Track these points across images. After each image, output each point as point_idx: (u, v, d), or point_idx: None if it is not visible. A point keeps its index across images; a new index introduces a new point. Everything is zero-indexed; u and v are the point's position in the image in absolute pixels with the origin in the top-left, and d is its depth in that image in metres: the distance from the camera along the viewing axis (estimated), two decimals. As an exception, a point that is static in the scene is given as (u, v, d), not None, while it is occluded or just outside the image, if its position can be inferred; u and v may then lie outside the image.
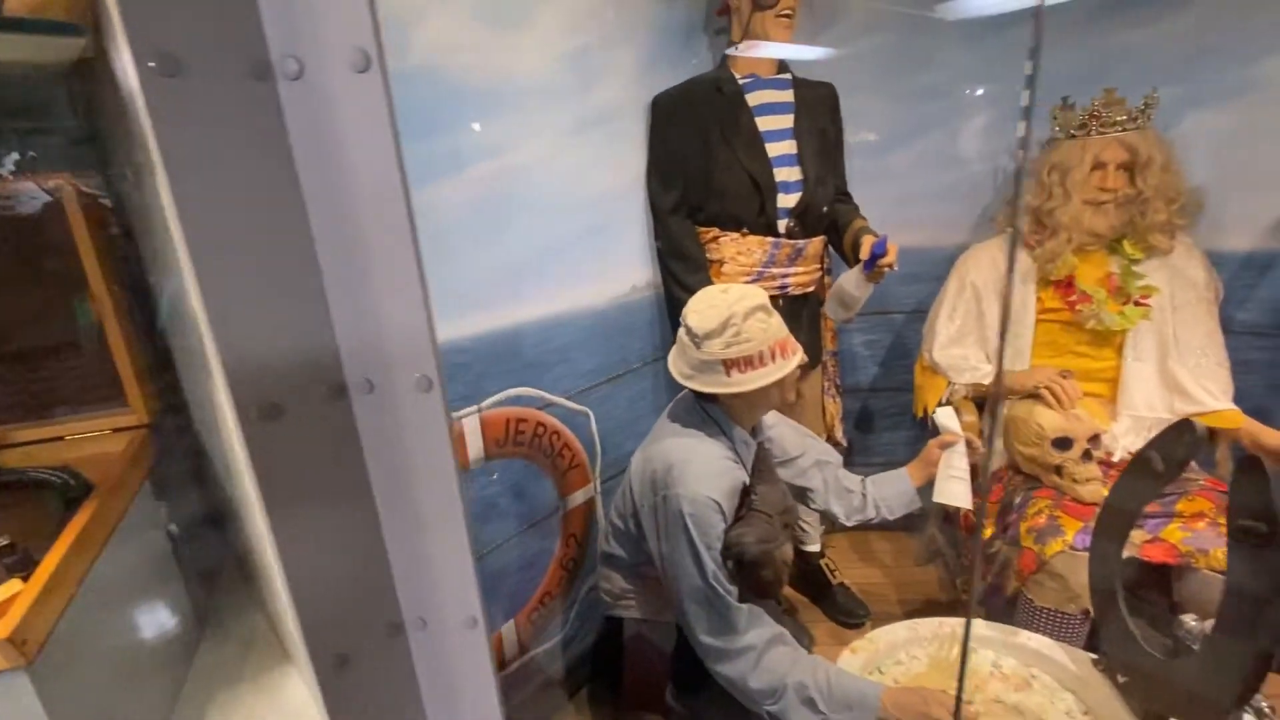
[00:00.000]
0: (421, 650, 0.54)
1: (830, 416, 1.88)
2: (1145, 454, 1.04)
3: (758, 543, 1.09)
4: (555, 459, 1.50)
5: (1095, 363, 1.56)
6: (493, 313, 1.31)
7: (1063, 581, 1.31)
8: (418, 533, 0.51)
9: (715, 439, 1.18)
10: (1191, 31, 1.60)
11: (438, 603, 0.52)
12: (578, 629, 1.66)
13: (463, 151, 1.21)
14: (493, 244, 1.29)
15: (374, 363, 0.47)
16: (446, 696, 0.55)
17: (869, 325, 2.12)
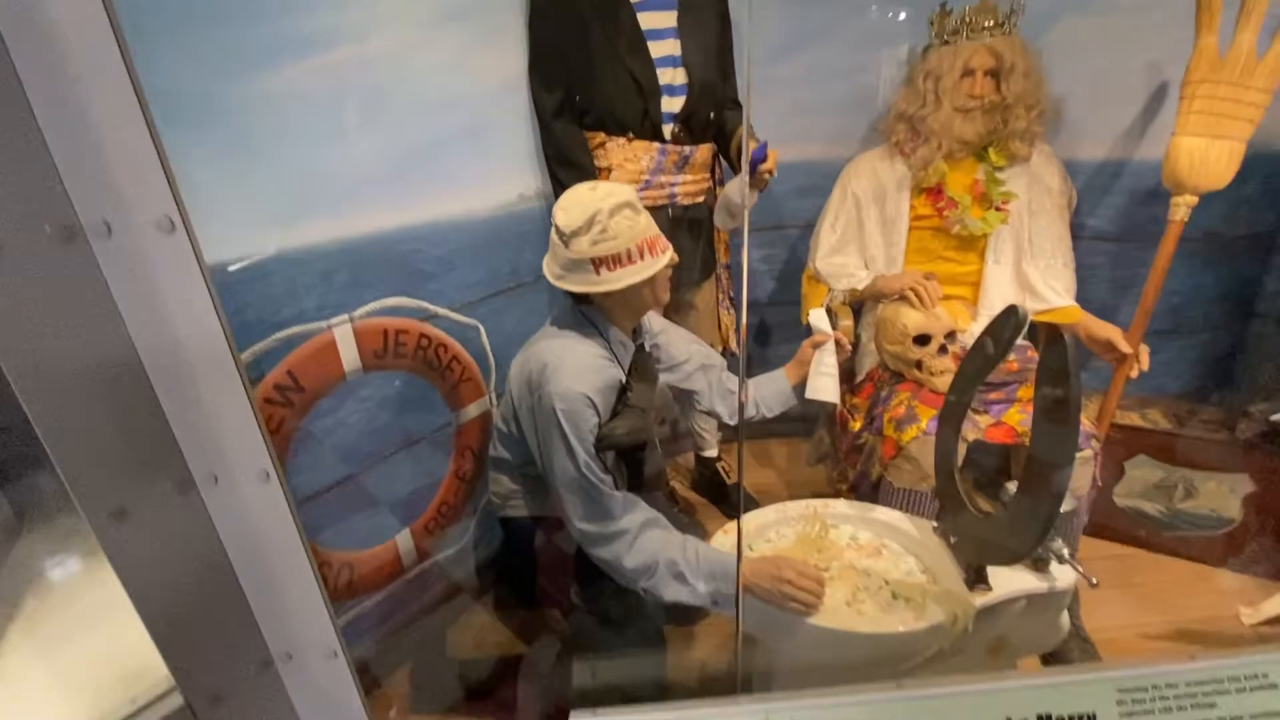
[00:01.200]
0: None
1: (725, 328, 1.94)
2: (980, 340, 1.14)
3: (628, 434, 1.14)
4: (444, 372, 1.49)
5: (960, 267, 1.67)
6: (358, 216, 1.25)
7: (916, 464, 1.44)
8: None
9: (590, 339, 1.20)
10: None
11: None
12: (481, 536, 1.71)
13: (302, 37, 1.12)
14: (353, 142, 1.22)
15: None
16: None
17: (765, 240, 2.16)
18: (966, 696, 0.61)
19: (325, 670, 0.57)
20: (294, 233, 1.17)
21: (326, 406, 1.29)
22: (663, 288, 1.21)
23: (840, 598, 1.17)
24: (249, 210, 1.12)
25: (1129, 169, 1.72)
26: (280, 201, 1.15)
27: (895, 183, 1.66)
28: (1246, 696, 0.62)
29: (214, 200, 1.07)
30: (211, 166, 1.06)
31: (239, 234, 1.11)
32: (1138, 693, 0.62)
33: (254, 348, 1.15)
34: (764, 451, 2.42)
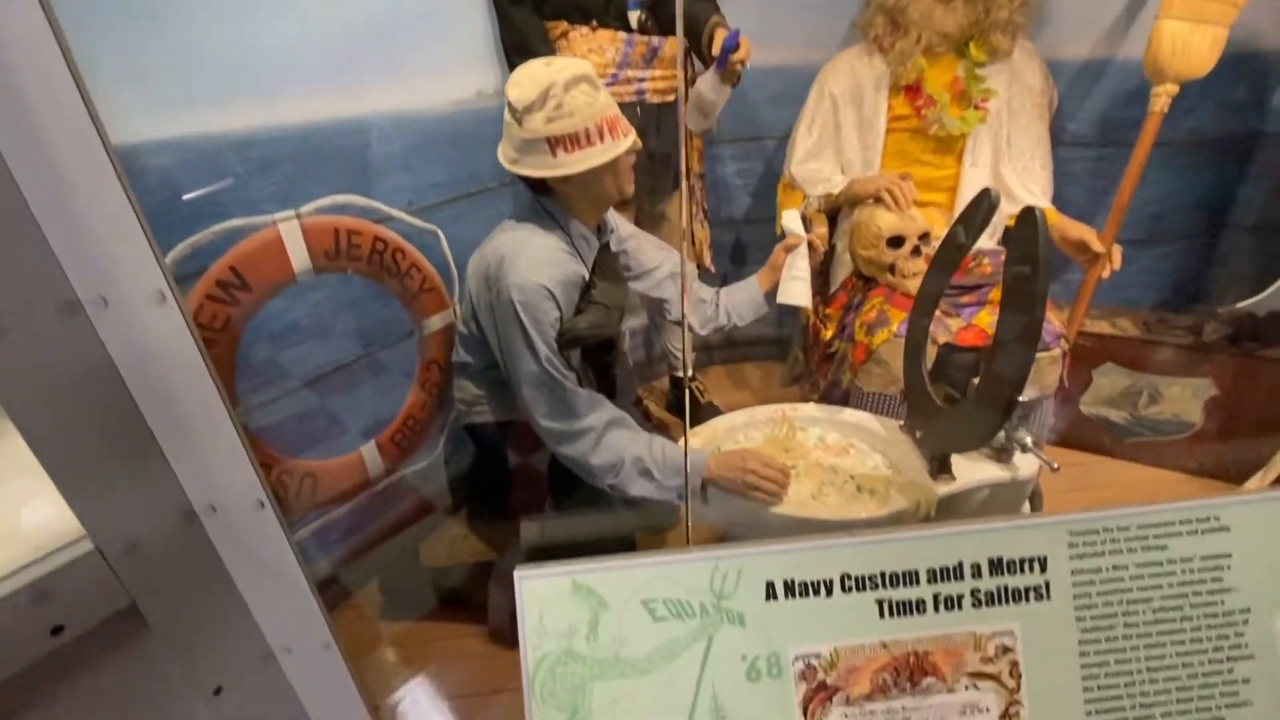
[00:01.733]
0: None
1: (699, 243, 1.89)
2: (952, 229, 1.11)
3: (591, 328, 1.10)
4: (403, 279, 1.42)
5: (937, 171, 1.62)
6: (303, 101, 1.17)
7: (886, 366, 1.43)
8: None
9: (550, 232, 1.15)
10: None
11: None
12: (453, 451, 1.69)
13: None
14: (291, 18, 1.12)
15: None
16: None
17: (740, 153, 2.09)
18: (919, 541, 0.61)
19: (253, 522, 0.54)
20: (229, 114, 1.09)
21: (278, 308, 1.23)
22: (626, 177, 1.15)
23: (806, 491, 1.17)
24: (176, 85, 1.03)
25: (1112, 68, 1.66)
26: (213, 78, 1.06)
27: (873, 82, 1.59)
28: (1198, 539, 0.62)
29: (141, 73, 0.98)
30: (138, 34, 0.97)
31: (166, 110, 1.03)
32: (1089, 535, 0.62)
33: (191, 239, 1.08)
34: (739, 375, 2.41)
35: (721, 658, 0.59)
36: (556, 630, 0.59)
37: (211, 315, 1.13)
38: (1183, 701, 0.61)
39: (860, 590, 0.60)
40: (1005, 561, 0.61)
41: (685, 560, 0.60)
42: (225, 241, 1.14)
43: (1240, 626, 0.62)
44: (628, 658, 0.59)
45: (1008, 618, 0.60)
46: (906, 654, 0.60)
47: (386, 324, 1.45)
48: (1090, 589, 0.61)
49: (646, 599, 0.59)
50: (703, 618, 0.59)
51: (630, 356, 1.75)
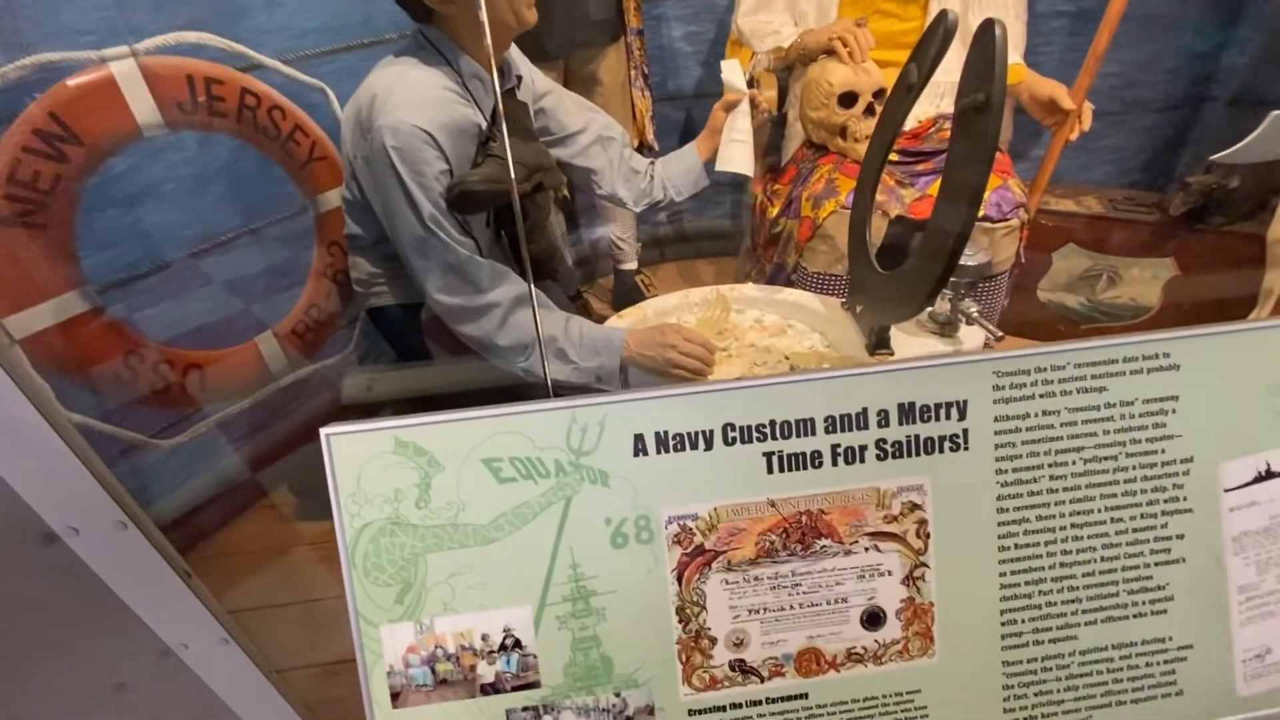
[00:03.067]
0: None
1: (640, 113, 1.70)
2: (905, 68, 0.95)
3: (484, 181, 0.95)
4: (286, 145, 1.24)
5: (901, 23, 1.44)
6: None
7: (832, 242, 1.32)
8: None
9: (434, 68, 0.97)
10: None
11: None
12: (370, 346, 1.56)
13: None
14: None
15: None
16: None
17: (690, 12, 1.86)
18: (816, 384, 0.51)
19: (120, 541, 0.44)
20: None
21: (124, 167, 1.05)
22: (525, 1, 0.96)
23: (734, 372, 1.08)
24: None
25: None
26: None
27: (832, -87, 1.38)
28: (1143, 379, 0.54)
29: None
30: None
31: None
32: (1018, 376, 0.53)
33: None
34: (690, 272, 2.28)
35: (581, 522, 0.50)
36: (379, 495, 0.49)
37: (34, 173, 0.95)
38: (1108, 560, 0.54)
39: (745, 442, 0.50)
40: (918, 408, 0.51)
41: (535, 410, 0.49)
42: (42, 82, 0.94)
43: (1180, 478, 0.54)
44: (468, 525, 0.49)
45: (917, 470, 0.52)
46: (798, 513, 0.51)
47: (271, 198, 1.27)
48: (1014, 437, 0.52)
49: (489, 457, 0.49)
50: (558, 477, 0.49)
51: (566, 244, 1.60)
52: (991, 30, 0.75)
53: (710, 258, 2.31)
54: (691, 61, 1.94)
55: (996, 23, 0.74)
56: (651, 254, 2.22)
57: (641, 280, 1.95)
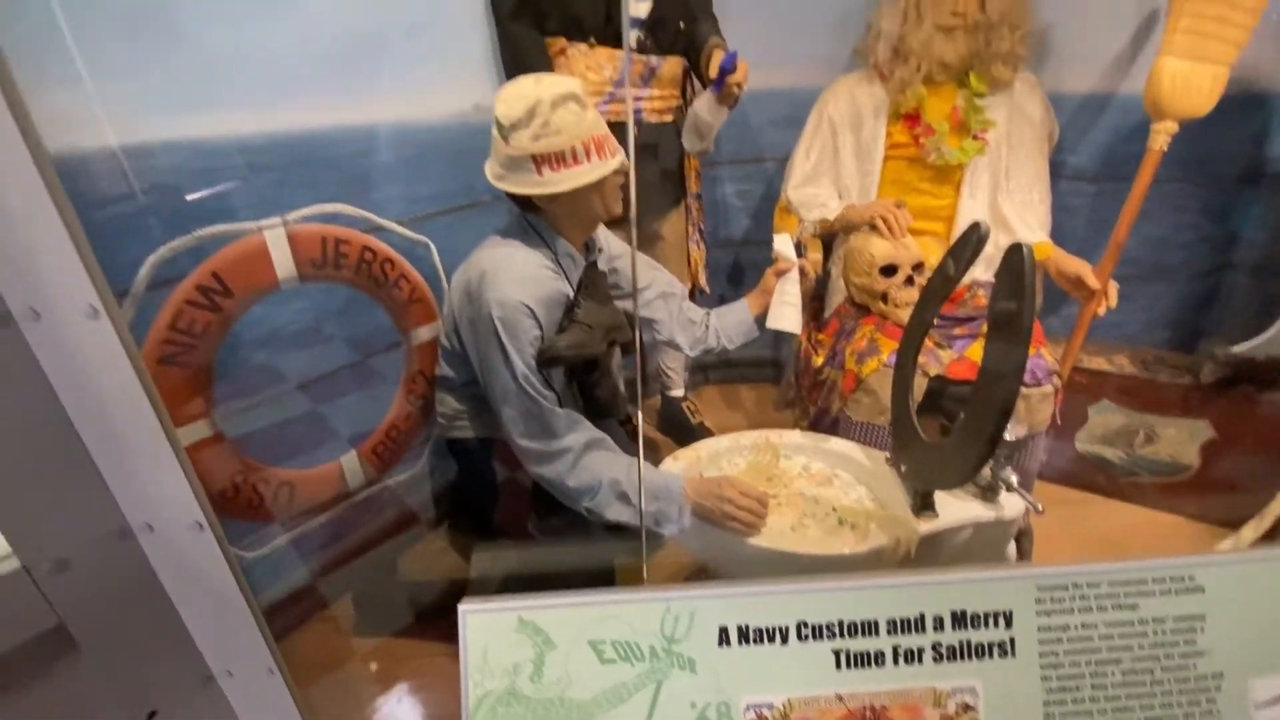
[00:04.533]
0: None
1: (695, 262, 1.88)
2: (942, 260, 1.09)
3: (571, 347, 1.09)
4: (391, 289, 1.42)
5: (935, 200, 1.61)
6: (290, 110, 1.17)
7: (875, 396, 1.41)
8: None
9: (535, 249, 1.14)
10: None
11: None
12: (437, 463, 1.67)
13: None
14: (284, 26, 1.13)
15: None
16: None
17: (740, 174, 2.08)
18: (879, 590, 0.58)
19: (192, 543, 0.53)
20: (217, 120, 1.09)
21: (260, 314, 1.23)
22: (613, 197, 1.14)
23: (786, 523, 1.15)
24: (169, 89, 1.04)
25: (1114, 103, 1.65)
26: (203, 83, 1.07)
27: (873, 108, 1.59)
28: (1172, 599, 0.60)
29: (133, 76, 0.99)
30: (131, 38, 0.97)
31: (155, 115, 1.03)
32: (1058, 591, 0.59)
33: (173, 244, 1.08)
34: (733, 396, 2.39)
35: (670, 704, 0.57)
36: (500, 668, 0.57)
37: (191, 320, 1.12)
38: (1151, 768, 0.58)
39: (817, 639, 0.58)
40: (969, 615, 0.58)
41: (636, 600, 0.58)
42: (210, 247, 1.14)
43: (1212, 692, 0.59)
44: (573, 700, 0.57)
45: (970, 674, 0.58)
46: (863, 707, 0.57)
47: (373, 333, 1.44)
48: (1057, 647, 0.59)
49: (594, 639, 0.57)
50: (652, 661, 0.57)
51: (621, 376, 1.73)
52: (1020, 252, 0.88)
53: (751, 383, 2.42)
54: (741, 214, 2.15)
55: (1025, 247, 0.87)
56: (696, 376, 2.34)
57: (688, 407, 2.06)
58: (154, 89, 1.01)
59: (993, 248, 1.59)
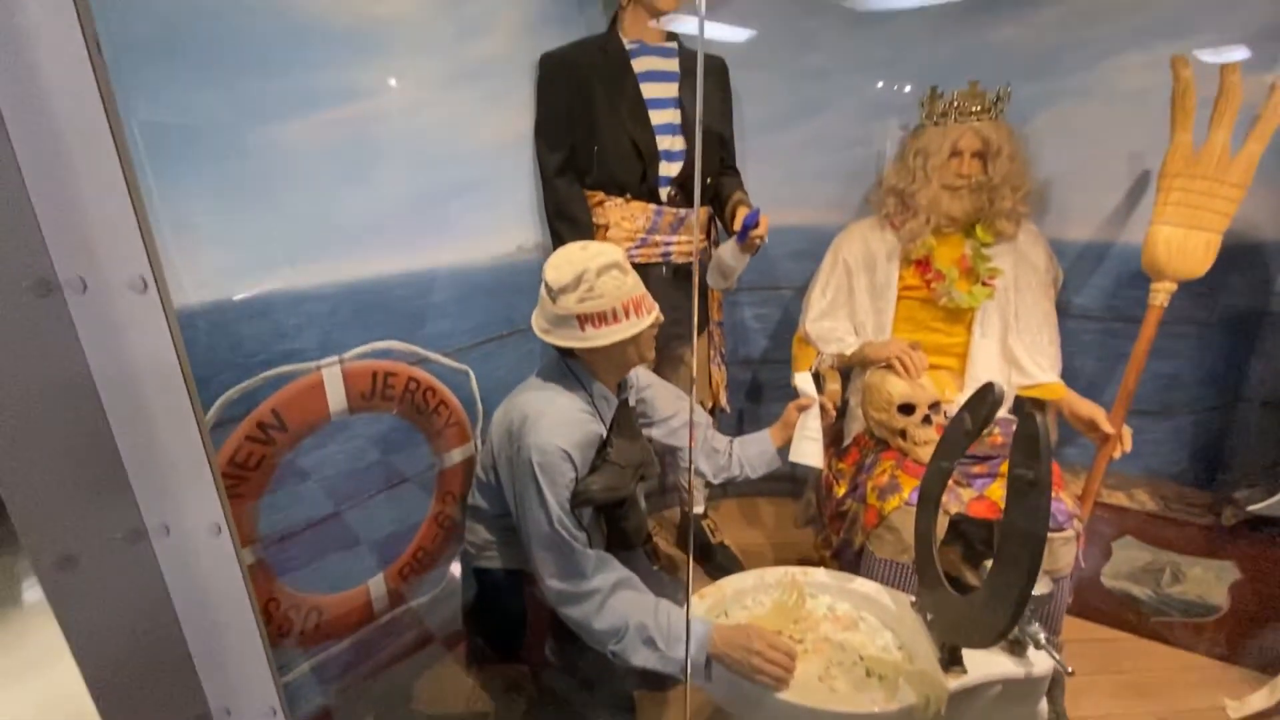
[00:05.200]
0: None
1: (716, 384, 1.95)
2: (959, 414, 1.15)
3: (604, 490, 1.14)
4: (430, 416, 1.50)
5: (948, 338, 1.69)
6: (357, 262, 1.29)
7: (898, 534, 1.43)
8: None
9: (574, 392, 1.22)
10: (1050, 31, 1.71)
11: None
12: (457, 586, 1.68)
13: (317, 92, 1.18)
14: (354, 190, 1.27)
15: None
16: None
17: (759, 300, 2.20)
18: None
19: (208, 547, 0.53)
20: (296, 274, 1.21)
21: (309, 445, 1.30)
22: (648, 345, 1.23)
23: (813, 672, 1.14)
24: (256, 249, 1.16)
25: (1113, 252, 1.76)
26: (286, 243, 1.19)
27: (885, 253, 1.70)
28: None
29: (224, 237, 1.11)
30: (226, 205, 1.10)
31: (243, 271, 1.15)
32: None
33: (241, 385, 1.16)
34: (752, 510, 2.39)
35: None
36: None
37: (248, 454, 1.19)
38: None
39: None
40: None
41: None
42: (273, 385, 1.22)
43: None
44: None
45: None
46: None
47: (407, 457, 1.50)
48: None
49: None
50: None
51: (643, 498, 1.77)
52: (1034, 420, 0.93)
53: (770, 497, 2.43)
54: (759, 336, 2.24)
55: (1038, 412, 0.93)
56: (714, 490, 2.36)
57: (707, 525, 2.07)
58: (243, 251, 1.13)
59: (1005, 385, 1.65)
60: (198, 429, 0.49)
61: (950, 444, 1.17)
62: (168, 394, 0.48)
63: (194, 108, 1.05)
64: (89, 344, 0.44)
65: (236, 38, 1.07)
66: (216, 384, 1.14)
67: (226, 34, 1.06)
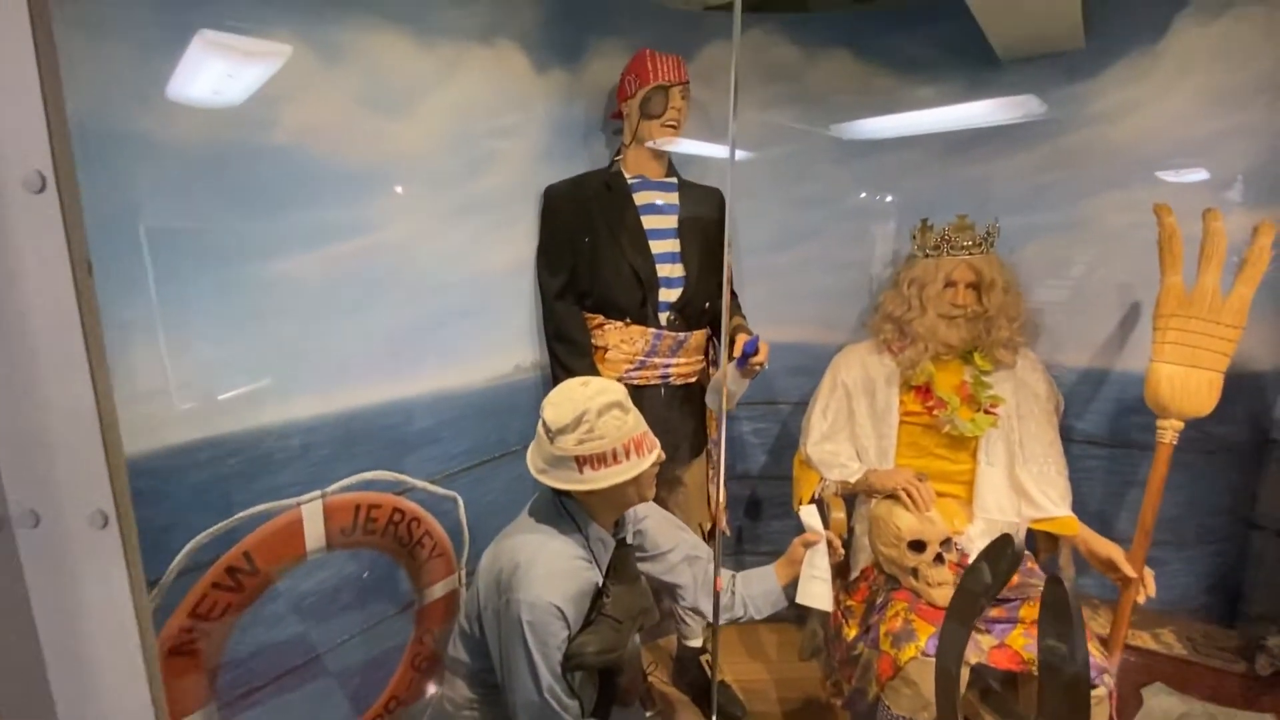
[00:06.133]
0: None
1: (715, 505, 1.87)
2: (976, 565, 1.08)
3: (598, 654, 1.04)
4: (413, 548, 1.41)
5: (953, 465, 1.65)
6: (350, 391, 1.25)
7: (916, 689, 1.32)
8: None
9: (568, 535, 1.14)
10: (1033, 170, 1.80)
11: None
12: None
13: (328, 227, 1.19)
14: (355, 321, 1.25)
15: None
16: None
17: (757, 414, 2.17)
18: None
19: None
20: (286, 406, 1.17)
21: (279, 588, 1.20)
22: (648, 484, 1.17)
23: None
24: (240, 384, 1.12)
25: (1112, 378, 1.76)
26: (274, 377, 1.15)
27: (884, 377, 1.69)
28: None
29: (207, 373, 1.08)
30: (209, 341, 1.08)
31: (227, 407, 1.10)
32: None
33: (212, 529, 1.09)
34: (754, 640, 2.24)
35: None
36: None
37: (212, 605, 1.09)
38: None
39: None
40: None
41: None
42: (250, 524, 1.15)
43: None
44: None
45: None
46: None
47: (385, 596, 1.40)
48: None
49: None
50: None
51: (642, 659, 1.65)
52: (1062, 588, 0.87)
53: (771, 623, 2.28)
54: (758, 451, 2.20)
55: (1063, 581, 0.87)
56: (711, 615, 2.22)
57: (705, 660, 1.93)
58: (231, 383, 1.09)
59: (1016, 517, 1.59)
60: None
61: (967, 602, 1.09)
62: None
63: (195, 242, 1.05)
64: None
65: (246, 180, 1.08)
66: (197, 527, 1.07)
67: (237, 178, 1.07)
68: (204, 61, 1.02)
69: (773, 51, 1.94)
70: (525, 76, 1.53)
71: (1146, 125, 1.64)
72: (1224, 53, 1.53)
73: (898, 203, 1.98)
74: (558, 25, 1.59)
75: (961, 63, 1.81)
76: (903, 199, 1.97)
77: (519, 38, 1.50)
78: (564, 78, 1.63)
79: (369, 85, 1.21)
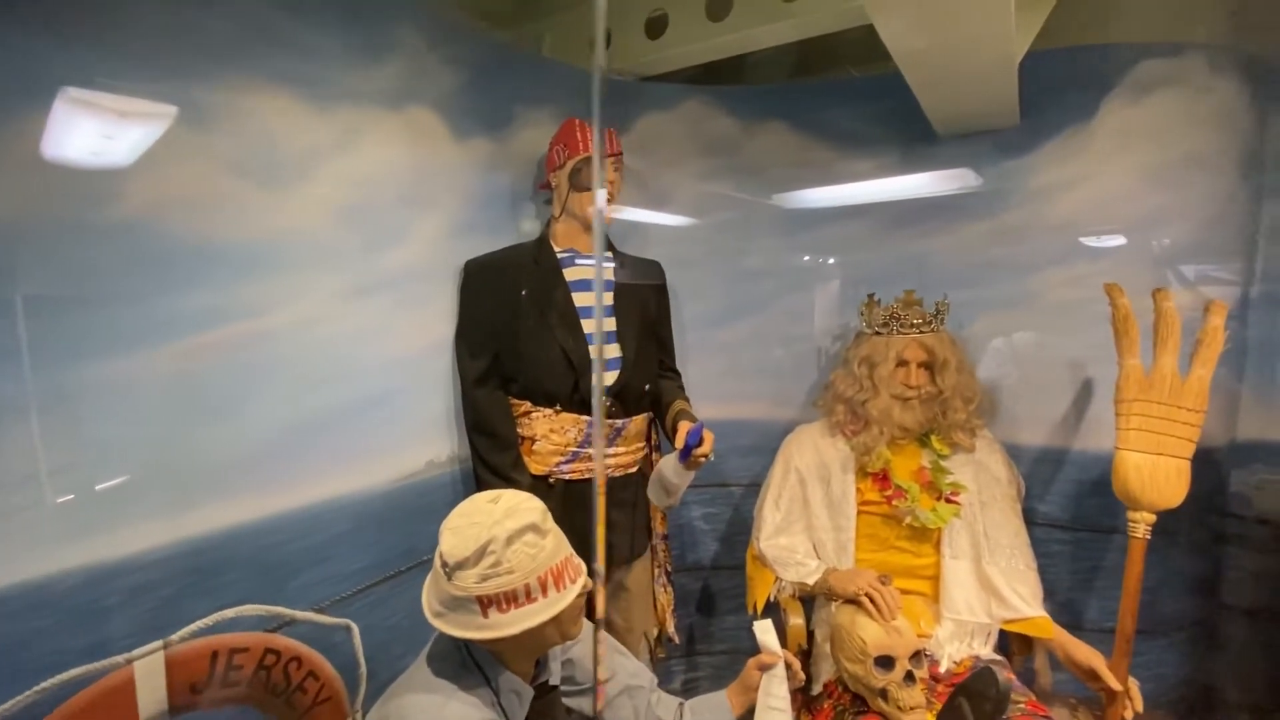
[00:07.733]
0: None
1: (662, 608, 1.68)
2: (953, 702, 0.93)
3: None
4: (291, 697, 1.16)
5: (916, 559, 1.51)
6: (208, 511, 1.03)
7: (893, 841, 1.13)
8: None
9: (472, 691, 0.93)
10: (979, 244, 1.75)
11: None
12: None
13: (186, 315, 1.00)
14: (222, 425, 1.05)
15: None
16: None
17: (707, 498, 2.01)
18: None
19: None
20: (117, 540, 0.94)
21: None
22: (571, 621, 0.98)
23: None
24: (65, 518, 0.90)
25: (1071, 458, 1.68)
26: (108, 504, 0.93)
27: (839, 462, 1.57)
28: None
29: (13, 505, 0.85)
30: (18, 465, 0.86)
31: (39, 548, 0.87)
32: None
33: (4, 706, 0.84)
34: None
35: None
36: None
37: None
38: None
39: None
40: None
41: None
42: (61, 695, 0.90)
43: None
44: None
45: None
46: None
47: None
48: None
49: None
50: None
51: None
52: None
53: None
54: (709, 538, 2.02)
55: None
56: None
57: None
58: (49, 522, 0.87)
59: (987, 617, 1.46)
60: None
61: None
62: None
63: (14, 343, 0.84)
64: None
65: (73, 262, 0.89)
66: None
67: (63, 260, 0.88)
68: (28, 119, 0.85)
69: (710, 124, 1.89)
70: (441, 144, 1.40)
71: (1086, 201, 1.62)
72: (1155, 131, 1.54)
73: (845, 275, 1.91)
74: (480, 92, 1.48)
75: (898, 136, 1.78)
76: (849, 271, 1.90)
77: (434, 104, 1.37)
78: (488, 146, 1.51)
79: (245, 152, 1.05)
